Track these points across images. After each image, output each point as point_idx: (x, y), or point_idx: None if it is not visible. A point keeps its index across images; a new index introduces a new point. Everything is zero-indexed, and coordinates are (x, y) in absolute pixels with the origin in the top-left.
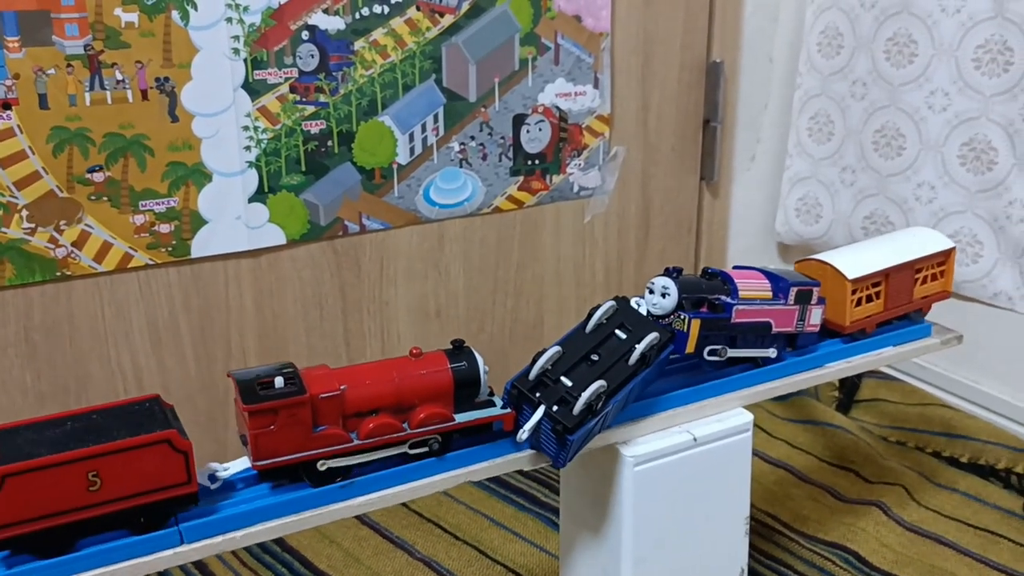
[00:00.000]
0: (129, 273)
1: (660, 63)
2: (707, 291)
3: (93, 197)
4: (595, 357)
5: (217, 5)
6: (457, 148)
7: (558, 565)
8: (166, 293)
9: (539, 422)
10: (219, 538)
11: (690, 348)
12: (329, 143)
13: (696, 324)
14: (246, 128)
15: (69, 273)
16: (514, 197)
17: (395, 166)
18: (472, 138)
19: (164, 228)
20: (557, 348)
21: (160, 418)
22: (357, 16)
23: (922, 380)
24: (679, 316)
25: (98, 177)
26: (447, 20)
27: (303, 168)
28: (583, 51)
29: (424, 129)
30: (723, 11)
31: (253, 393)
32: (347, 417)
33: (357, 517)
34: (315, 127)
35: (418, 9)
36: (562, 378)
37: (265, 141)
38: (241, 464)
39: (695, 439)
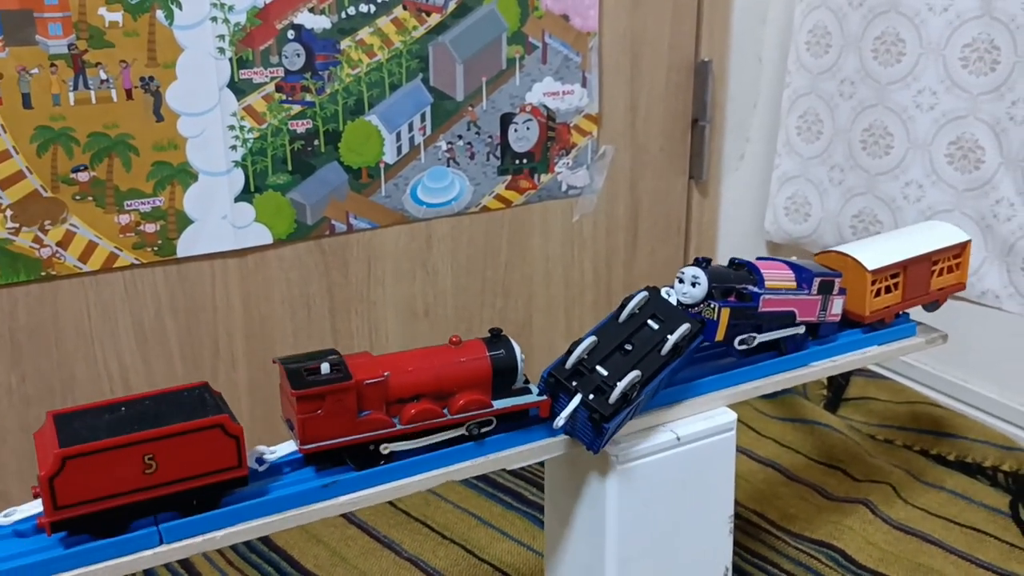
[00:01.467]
0: (114, 273)
1: (648, 62)
2: (735, 281)
3: (78, 197)
4: (628, 347)
5: (202, 4)
6: (444, 147)
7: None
8: (152, 293)
9: (575, 410)
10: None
11: (720, 336)
12: (315, 142)
13: (726, 313)
14: (232, 127)
15: (54, 273)
16: (502, 196)
17: (382, 165)
18: (460, 137)
19: (150, 228)
20: (593, 338)
21: (211, 404)
22: (343, 15)
23: (910, 378)
24: (709, 305)
25: (83, 177)
26: (434, 19)
27: (289, 168)
28: (571, 50)
29: (411, 128)
30: (711, 10)
31: (301, 379)
32: (390, 403)
33: (344, 516)
34: (301, 126)
35: (405, 8)
36: (598, 367)
37: (251, 140)
38: (287, 448)
39: (679, 438)
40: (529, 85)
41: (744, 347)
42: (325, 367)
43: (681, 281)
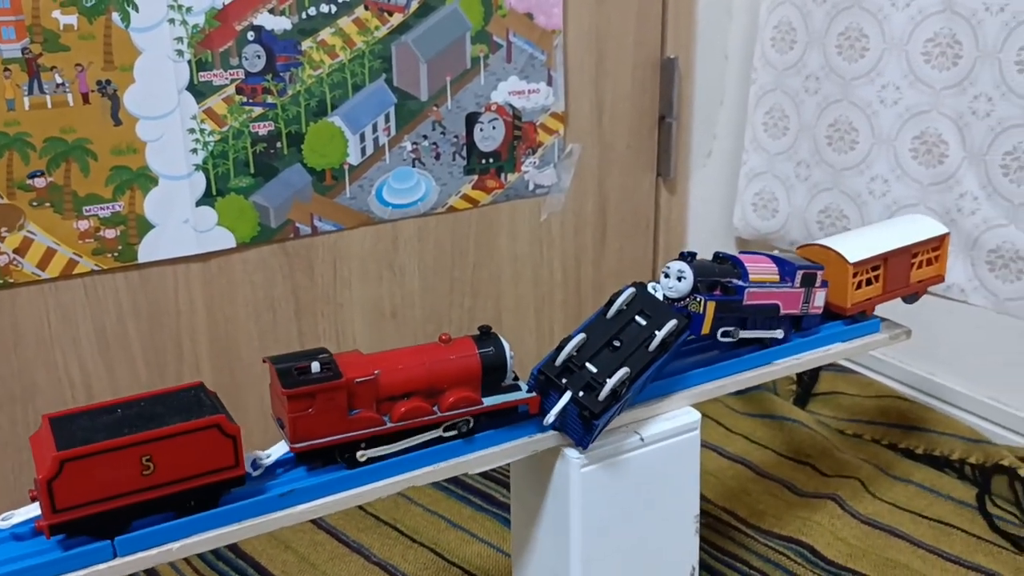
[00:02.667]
0: (74, 279)
1: (614, 60)
2: (720, 275)
3: (35, 203)
4: (617, 343)
5: (159, 6)
6: (410, 148)
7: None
8: (113, 299)
9: (565, 407)
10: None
11: (706, 329)
12: (278, 144)
13: (712, 306)
14: (192, 131)
15: (12, 280)
16: (469, 196)
17: (346, 167)
18: (425, 137)
19: (109, 233)
20: (582, 335)
21: (207, 404)
22: (304, 16)
23: (879, 372)
24: (695, 299)
25: (39, 183)
26: (396, 19)
27: (252, 170)
28: (536, 48)
29: (375, 129)
30: (676, 7)
31: (291, 377)
32: (380, 401)
33: (312, 521)
34: (263, 128)
35: (366, 8)
36: (587, 364)
37: (212, 143)
38: (279, 450)
39: (642, 439)
40: (494, 84)
41: (728, 339)
42: (315, 366)
43: (667, 276)
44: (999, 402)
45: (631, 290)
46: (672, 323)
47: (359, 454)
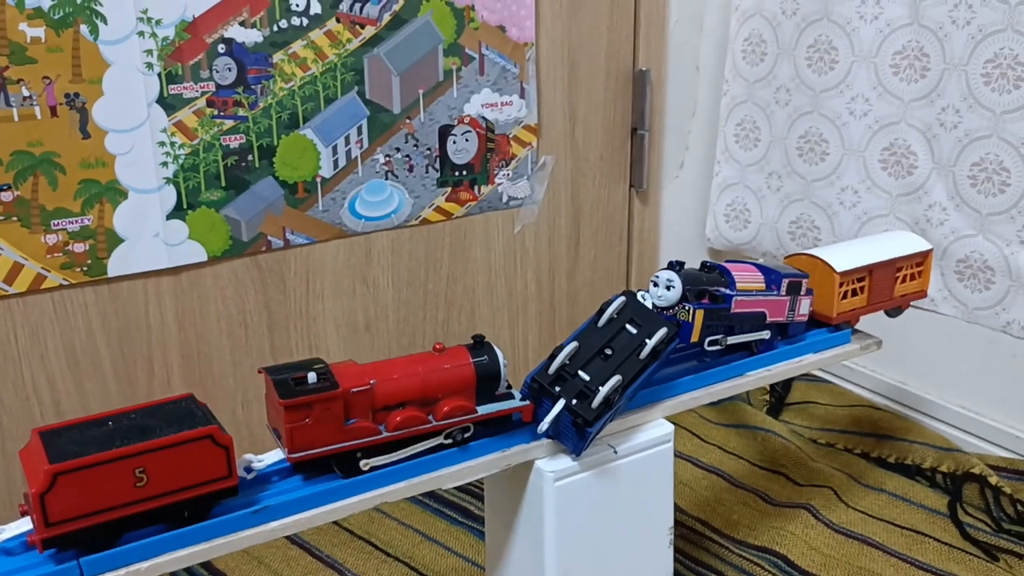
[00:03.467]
0: (43, 294)
1: (586, 72)
2: (707, 283)
3: (1, 217)
4: (608, 351)
5: (128, 19)
6: (382, 160)
7: None
8: (83, 314)
9: (559, 415)
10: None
11: (695, 337)
12: (249, 157)
13: (700, 314)
14: (162, 144)
15: None
16: (442, 208)
17: (319, 179)
18: (397, 150)
19: (79, 247)
20: (574, 343)
21: (199, 415)
22: (275, 28)
23: (851, 382)
24: (684, 307)
25: (6, 196)
26: (368, 32)
27: (223, 183)
28: (508, 61)
29: (348, 142)
30: (648, 20)
31: (288, 388)
32: (376, 411)
33: (287, 537)
34: (234, 141)
35: (338, 21)
36: (580, 372)
37: (182, 157)
38: (274, 456)
39: (615, 451)
40: (467, 97)
41: (716, 347)
42: (312, 376)
43: (655, 285)
44: (969, 411)
45: (621, 299)
46: (663, 331)
47: (362, 463)
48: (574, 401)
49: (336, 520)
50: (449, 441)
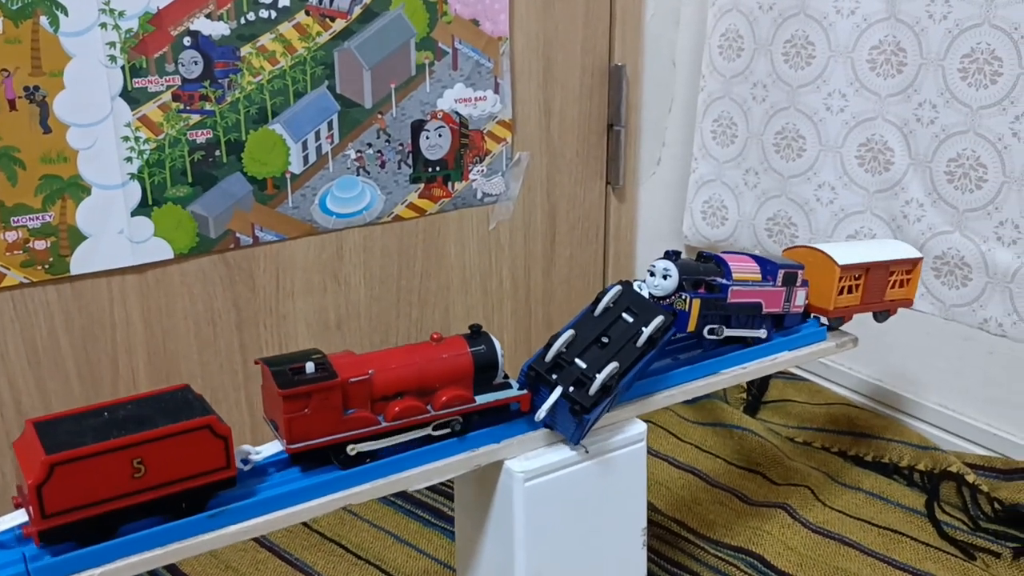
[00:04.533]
0: (2, 293)
1: (561, 68)
2: (704, 273)
3: None
4: (605, 339)
5: (90, 10)
6: (354, 156)
7: None
8: (45, 313)
9: (556, 403)
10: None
11: (691, 327)
12: (217, 153)
13: (697, 303)
14: (126, 138)
15: None
16: (415, 205)
17: (288, 175)
18: (369, 145)
19: (39, 245)
20: (571, 331)
21: (197, 405)
22: (242, 21)
23: (828, 380)
24: (680, 296)
25: None
26: (339, 25)
27: (190, 179)
28: (482, 56)
29: (318, 137)
30: (623, 14)
31: (287, 378)
32: (375, 401)
33: (255, 540)
34: (201, 136)
35: (307, 14)
36: (576, 360)
37: (147, 152)
38: (271, 448)
39: (586, 451)
40: (440, 92)
41: (713, 337)
42: (310, 366)
43: (652, 274)
44: (947, 408)
45: (617, 288)
46: (659, 319)
47: (349, 447)
48: (571, 388)
49: (307, 521)
50: (448, 431)
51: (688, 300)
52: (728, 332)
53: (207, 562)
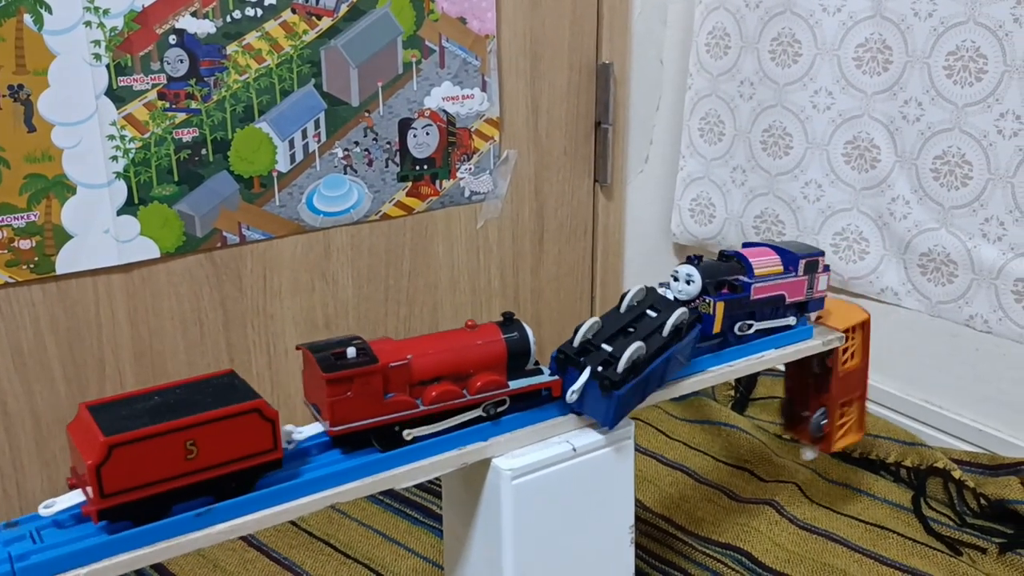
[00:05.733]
0: None
1: (548, 66)
2: (726, 273)
3: None
4: (631, 330)
5: (74, 8)
6: (341, 154)
7: None
8: (30, 313)
9: (585, 385)
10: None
11: (716, 328)
12: (203, 151)
13: (720, 306)
14: (112, 137)
15: None
16: (403, 203)
17: (275, 174)
18: (356, 144)
19: (24, 244)
20: (596, 320)
21: (243, 389)
22: (228, 19)
23: None
24: (704, 300)
25: None
26: (325, 23)
27: (176, 178)
28: (469, 54)
29: (305, 135)
30: (611, 12)
31: (330, 362)
32: (413, 385)
33: (243, 539)
34: (187, 135)
35: (293, 12)
36: (603, 345)
37: (133, 151)
38: (311, 430)
39: (574, 449)
40: (427, 90)
41: (742, 333)
42: (352, 351)
43: (675, 279)
44: (933, 404)
45: (641, 288)
46: (682, 311)
47: (405, 432)
48: (599, 368)
49: (293, 520)
50: (484, 414)
51: (712, 304)
52: (757, 326)
53: (195, 561)
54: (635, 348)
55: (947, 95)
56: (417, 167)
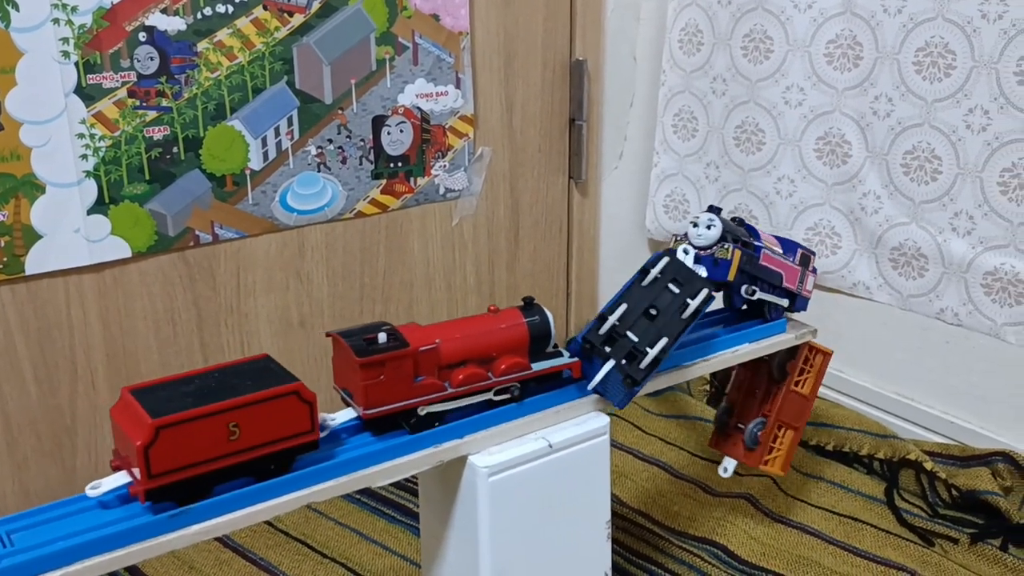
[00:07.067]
0: None
1: (522, 62)
2: (737, 234)
3: None
4: (653, 311)
5: (42, 5)
6: (314, 152)
7: None
8: None
9: (609, 373)
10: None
11: (731, 275)
12: (175, 150)
13: (738, 253)
14: (81, 136)
15: None
16: (377, 201)
17: (248, 172)
18: (330, 141)
19: None
20: (624, 306)
21: (281, 373)
22: (199, 16)
23: None
24: (723, 246)
25: None
26: (297, 19)
27: (147, 177)
28: (443, 51)
29: (278, 133)
30: (584, 9)
31: (363, 347)
32: (441, 368)
33: (219, 540)
34: (158, 133)
35: (265, 8)
36: (628, 333)
37: (103, 149)
38: (343, 416)
39: (550, 445)
40: (401, 87)
41: (748, 296)
42: (382, 336)
43: (695, 225)
44: (904, 397)
45: (665, 259)
46: (704, 292)
47: (419, 409)
48: (623, 362)
49: (269, 521)
50: (507, 396)
51: (731, 249)
52: (760, 294)
53: (169, 563)
54: (661, 347)
55: (917, 91)
56: (391, 165)
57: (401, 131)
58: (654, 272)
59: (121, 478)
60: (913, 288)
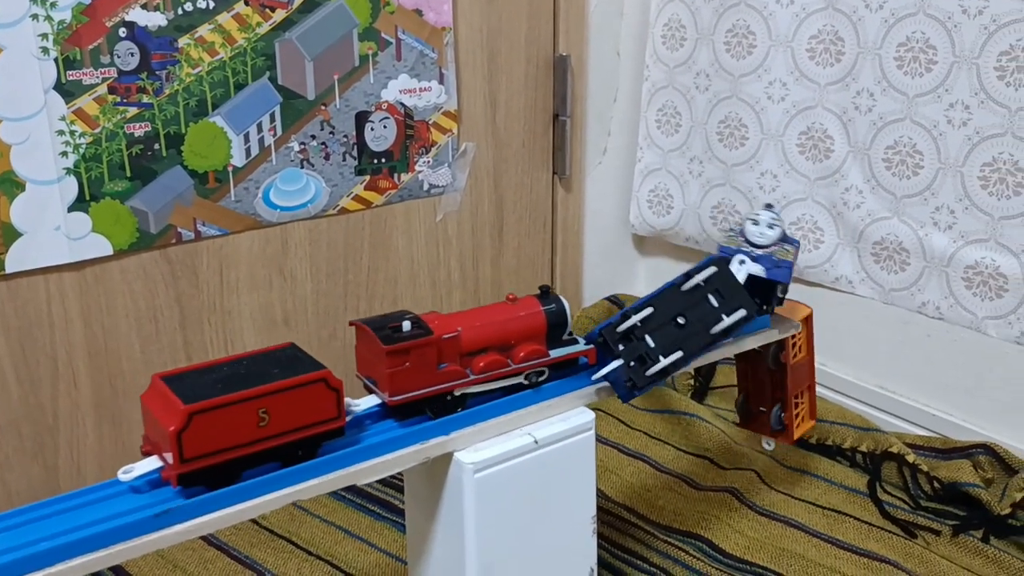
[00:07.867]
0: None
1: (506, 58)
2: None
3: None
4: (681, 320)
5: (20, 1)
6: (297, 148)
7: None
8: None
9: (614, 370)
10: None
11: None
12: (156, 146)
13: (797, 253)
14: (61, 132)
15: None
16: (361, 197)
17: (230, 168)
18: (313, 137)
19: None
20: (650, 308)
21: (308, 361)
22: (180, 12)
23: None
24: (783, 246)
25: None
26: (279, 15)
27: (128, 173)
28: (426, 46)
29: (260, 129)
30: (567, 4)
31: (389, 336)
32: (463, 356)
33: (203, 538)
34: (139, 129)
35: (247, 4)
36: (646, 337)
37: (84, 146)
38: (366, 403)
39: (536, 441)
40: (384, 82)
41: (781, 296)
42: (407, 324)
43: (756, 223)
44: (887, 390)
45: (713, 269)
46: (742, 312)
47: (455, 391)
48: (632, 364)
49: (254, 519)
50: (527, 382)
51: (792, 251)
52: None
53: (153, 562)
54: (672, 360)
55: (898, 86)
56: (375, 160)
57: (384, 127)
58: (698, 279)
59: (152, 463)
60: (895, 282)
